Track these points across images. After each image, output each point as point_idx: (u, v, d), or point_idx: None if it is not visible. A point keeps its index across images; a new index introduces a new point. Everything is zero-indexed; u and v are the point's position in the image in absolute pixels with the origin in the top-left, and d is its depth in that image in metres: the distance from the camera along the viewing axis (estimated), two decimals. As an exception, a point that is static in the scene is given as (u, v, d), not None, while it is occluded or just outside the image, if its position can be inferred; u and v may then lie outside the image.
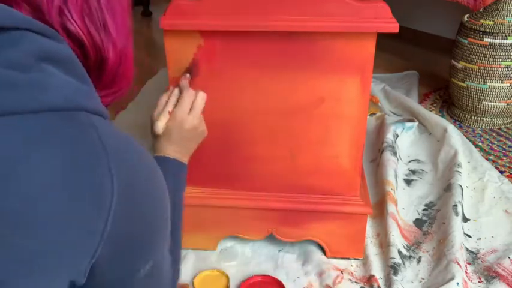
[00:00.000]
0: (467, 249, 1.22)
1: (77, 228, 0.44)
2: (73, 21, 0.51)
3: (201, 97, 0.90)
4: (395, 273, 1.12)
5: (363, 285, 1.12)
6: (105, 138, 0.46)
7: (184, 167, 0.87)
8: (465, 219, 1.33)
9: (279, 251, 1.23)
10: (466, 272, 1.14)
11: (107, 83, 0.57)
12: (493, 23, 1.73)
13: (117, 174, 0.46)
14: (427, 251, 1.22)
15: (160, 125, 0.86)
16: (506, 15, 1.73)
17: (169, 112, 0.87)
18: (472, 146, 1.61)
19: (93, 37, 0.52)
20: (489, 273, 1.15)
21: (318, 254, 1.20)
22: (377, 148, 1.63)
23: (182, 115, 0.87)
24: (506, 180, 1.46)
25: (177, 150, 0.86)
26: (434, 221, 1.33)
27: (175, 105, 0.89)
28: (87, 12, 0.52)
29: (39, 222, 0.42)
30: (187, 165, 0.89)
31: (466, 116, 1.90)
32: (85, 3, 0.51)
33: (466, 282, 1.10)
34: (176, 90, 0.91)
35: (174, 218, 0.76)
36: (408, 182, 1.51)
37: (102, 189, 0.45)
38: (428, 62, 2.52)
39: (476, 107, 1.84)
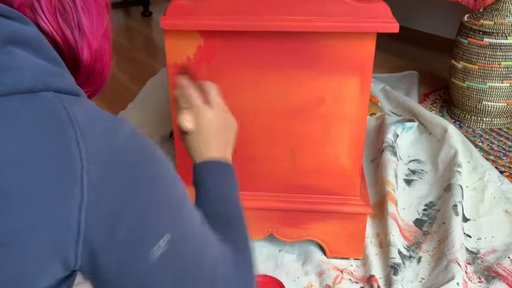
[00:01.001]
0: (467, 249, 1.22)
1: (49, 204, 0.43)
2: (45, 20, 0.50)
3: (213, 87, 0.81)
4: (396, 273, 1.12)
5: (363, 285, 1.12)
6: (75, 114, 0.45)
7: (226, 165, 0.77)
8: (465, 219, 1.33)
9: (279, 251, 1.23)
10: (466, 272, 1.14)
11: (82, 81, 0.56)
12: (493, 23, 1.73)
13: (87, 144, 0.45)
14: (427, 251, 1.22)
15: (186, 120, 0.76)
16: (506, 15, 1.73)
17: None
18: (472, 146, 1.61)
19: (67, 37, 0.52)
20: (489, 273, 1.15)
21: (318, 254, 1.20)
22: (377, 148, 1.63)
23: (210, 114, 0.77)
24: (506, 180, 1.46)
25: (217, 151, 0.77)
26: (434, 221, 1.33)
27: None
28: (61, 11, 0.51)
29: (10, 201, 0.42)
30: (187, 166, 0.83)
31: (466, 116, 1.90)
32: (59, 2, 0.51)
33: (466, 282, 1.10)
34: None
35: (225, 214, 0.70)
36: (408, 182, 1.51)
37: (71, 162, 0.44)
38: (428, 62, 2.52)
39: (476, 107, 1.84)
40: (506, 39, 1.71)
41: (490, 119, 1.86)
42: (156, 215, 0.49)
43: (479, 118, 1.87)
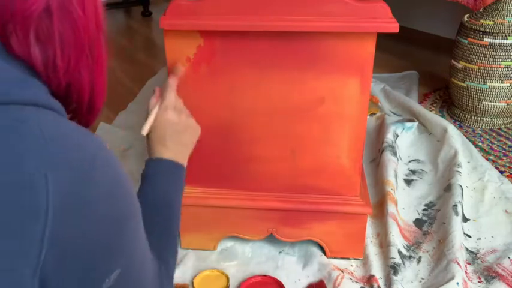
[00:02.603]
0: (467, 249, 1.22)
1: (11, 239, 0.41)
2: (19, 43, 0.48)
3: (172, 92, 0.86)
4: (395, 273, 1.12)
5: (363, 285, 1.12)
6: (41, 135, 0.43)
7: (180, 167, 0.82)
8: (465, 219, 1.33)
9: (279, 252, 1.23)
10: (466, 272, 1.14)
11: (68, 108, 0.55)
12: (493, 23, 1.73)
13: (55, 178, 0.42)
14: (427, 251, 1.22)
15: (145, 127, 0.83)
16: (506, 15, 1.73)
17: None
18: (472, 146, 1.61)
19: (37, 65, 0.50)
20: (489, 273, 1.15)
21: (318, 255, 1.20)
22: (377, 148, 1.63)
23: (167, 115, 0.83)
24: (506, 180, 1.46)
25: (172, 150, 0.82)
26: (434, 221, 1.33)
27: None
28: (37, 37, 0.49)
29: None
30: (187, 166, 0.85)
31: (466, 116, 1.90)
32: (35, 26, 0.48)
33: (466, 282, 1.10)
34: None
35: (165, 220, 0.72)
36: (408, 182, 1.51)
37: (34, 191, 0.41)
38: (428, 62, 2.52)
39: (476, 107, 1.84)
40: (506, 39, 1.71)
41: (490, 119, 1.86)
42: (112, 255, 0.50)
43: (479, 118, 1.87)
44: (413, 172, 1.56)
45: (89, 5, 0.52)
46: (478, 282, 1.13)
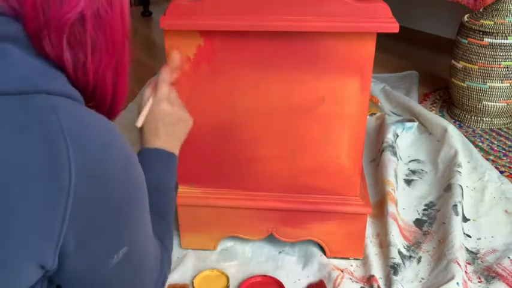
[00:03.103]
0: (467, 249, 1.22)
1: (35, 213, 0.44)
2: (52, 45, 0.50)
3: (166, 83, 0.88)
4: (395, 273, 1.12)
5: (363, 285, 1.12)
6: (66, 121, 0.45)
7: (173, 156, 0.84)
8: (465, 219, 1.33)
9: (279, 252, 1.23)
10: (465, 272, 1.14)
11: (89, 99, 0.57)
12: (493, 23, 1.73)
13: (77, 158, 0.45)
14: (427, 251, 1.22)
15: (140, 119, 0.84)
16: (506, 15, 1.73)
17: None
18: (472, 146, 1.61)
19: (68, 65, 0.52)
20: (489, 273, 1.15)
21: (318, 255, 1.19)
22: (377, 148, 1.63)
23: (160, 107, 0.84)
24: (506, 180, 1.46)
25: (165, 141, 0.83)
26: (434, 221, 1.33)
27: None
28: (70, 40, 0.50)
29: None
30: (186, 166, 0.87)
31: (466, 116, 1.90)
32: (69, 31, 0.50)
33: (465, 282, 1.10)
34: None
35: (160, 206, 0.75)
36: (408, 182, 1.51)
37: (59, 173, 0.44)
38: (428, 62, 2.52)
39: (476, 107, 1.84)
40: (506, 39, 1.71)
41: (490, 119, 1.86)
42: (122, 232, 0.54)
43: (479, 118, 1.87)
44: (413, 172, 1.56)
45: (117, 11, 0.54)
46: (478, 282, 1.13)
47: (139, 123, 0.85)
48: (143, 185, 0.58)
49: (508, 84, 1.77)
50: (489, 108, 1.82)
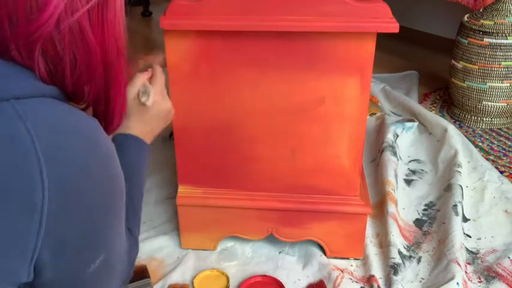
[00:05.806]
0: (467, 249, 1.22)
1: (7, 235, 0.42)
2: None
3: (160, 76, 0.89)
4: (395, 273, 1.12)
5: (363, 285, 1.12)
6: (37, 129, 0.42)
7: (144, 144, 0.83)
8: (465, 219, 1.33)
9: (279, 252, 1.23)
10: (466, 272, 1.14)
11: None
12: (493, 23, 1.73)
13: (50, 171, 0.42)
14: (427, 251, 1.22)
15: (151, 99, 0.83)
16: (506, 15, 1.73)
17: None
18: (472, 146, 1.61)
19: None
20: (489, 273, 1.15)
21: (318, 255, 1.19)
22: (377, 148, 1.63)
23: (155, 96, 0.84)
24: (506, 180, 1.46)
25: (143, 130, 0.83)
26: (434, 221, 1.33)
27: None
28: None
29: None
30: (187, 166, 0.86)
31: (466, 116, 1.90)
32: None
33: (466, 282, 1.10)
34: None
35: (129, 191, 0.75)
36: (408, 182, 1.51)
37: (31, 191, 0.42)
38: (428, 62, 2.52)
39: (476, 107, 1.84)
40: (506, 39, 1.71)
41: (490, 119, 1.86)
42: (99, 243, 0.54)
43: (479, 118, 1.87)
44: (413, 172, 1.56)
45: (108, 31, 0.51)
46: (478, 282, 1.13)
47: (151, 102, 0.84)
48: (122, 192, 0.55)
49: (508, 84, 1.77)
50: (489, 108, 1.82)
